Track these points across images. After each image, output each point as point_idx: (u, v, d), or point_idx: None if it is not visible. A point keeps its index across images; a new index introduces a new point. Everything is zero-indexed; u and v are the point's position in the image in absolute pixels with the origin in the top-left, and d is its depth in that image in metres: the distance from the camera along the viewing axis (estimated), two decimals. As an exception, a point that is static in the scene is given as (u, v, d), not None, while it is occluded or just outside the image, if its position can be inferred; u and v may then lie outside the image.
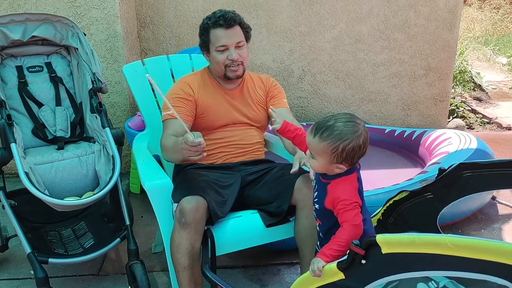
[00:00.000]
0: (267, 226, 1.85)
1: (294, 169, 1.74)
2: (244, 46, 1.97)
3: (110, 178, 1.97)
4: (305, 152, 1.65)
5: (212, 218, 1.75)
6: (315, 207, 1.54)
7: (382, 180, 2.80)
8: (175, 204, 1.73)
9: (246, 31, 1.99)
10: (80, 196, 2.04)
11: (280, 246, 2.22)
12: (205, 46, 1.98)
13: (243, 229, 1.87)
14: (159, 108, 2.32)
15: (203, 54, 2.04)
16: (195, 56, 2.42)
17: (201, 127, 1.97)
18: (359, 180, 1.48)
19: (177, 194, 1.77)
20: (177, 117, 1.65)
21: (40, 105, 2.25)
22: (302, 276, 1.39)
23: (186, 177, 1.92)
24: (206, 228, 1.76)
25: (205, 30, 1.95)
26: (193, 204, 1.67)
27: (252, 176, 1.98)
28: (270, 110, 1.91)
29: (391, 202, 1.75)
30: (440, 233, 1.63)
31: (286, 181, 1.84)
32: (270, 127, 1.80)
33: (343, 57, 3.71)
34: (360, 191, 1.47)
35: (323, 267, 1.30)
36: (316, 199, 1.51)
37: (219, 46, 1.92)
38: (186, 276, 1.71)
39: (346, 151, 1.37)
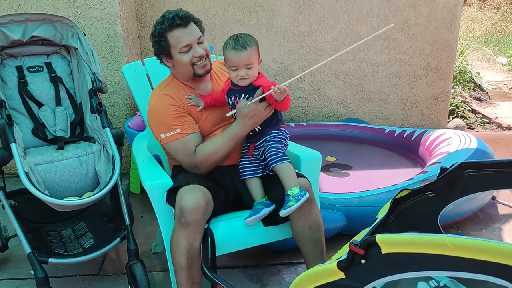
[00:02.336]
0: (266, 226, 1.86)
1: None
2: (204, 40, 1.90)
3: (110, 178, 1.97)
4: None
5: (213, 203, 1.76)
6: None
7: (382, 180, 2.80)
8: (174, 205, 1.73)
9: (200, 25, 1.92)
10: (80, 196, 2.03)
11: (280, 246, 2.22)
12: (165, 52, 1.86)
13: (243, 229, 1.87)
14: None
15: (161, 62, 1.92)
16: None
17: None
18: None
19: (175, 191, 1.76)
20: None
21: (40, 105, 2.25)
22: (302, 275, 1.38)
23: (183, 175, 1.91)
24: (206, 226, 1.76)
25: (161, 36, 1.83)
26: (194, 203, 1.66)
27: None
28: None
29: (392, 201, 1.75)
30: (441, 232, 1.62)
31: (278, 182, 1.82)
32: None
33: (343, 57, 3.71)
34: None
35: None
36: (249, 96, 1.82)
37: (183, 47, 1.82)
38: (184, 275, 1.71)
39: (258, 44, 1.83)
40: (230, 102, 1.88)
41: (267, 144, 1.85)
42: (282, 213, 1.73)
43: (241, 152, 1.95)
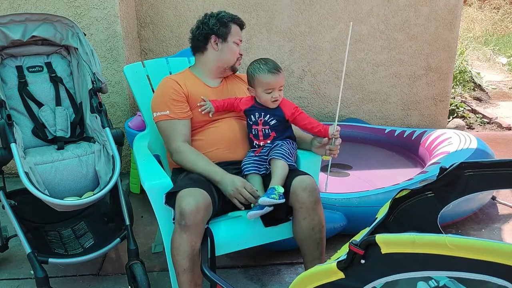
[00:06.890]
0: (266, 226, 1.86)
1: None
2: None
3: (110, 178, 1.97)
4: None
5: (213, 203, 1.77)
6: (270, 124, 1.92)
7: (382, 180, 2.80)
8: (174, 207, 1.73)
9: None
10: (80, 196, 2.04)
11: (280, 246, 2.22)
12: (222, 34, 2.06)
13: (242, 229, 1.87)
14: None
15: (206, 43, 2.08)
16: (193, 59, 2.41)
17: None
18: None
19: (174, 188, 1.76)
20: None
21: (40, 105, 2.25)
22: (301, 275, 1.38)
23: (183, 178, 1.92)
24: (205, 226, 1.76)
25: (228, 21, 2.08)
26: (193, 206, 1.66)
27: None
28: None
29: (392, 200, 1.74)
30: (441, 232, 1.62)
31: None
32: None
33: (343, 57, 3.71)
34: None
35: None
36: (272, 117, 1.93)
37: (238, 39, 2.08)
38: (186, 278, 1.71)
39: None
40: (253, 119, 1.96)
41: (279, 142, 1.93)
42: (262, 200, 1.74)
43: (248, 151, 2.01)
